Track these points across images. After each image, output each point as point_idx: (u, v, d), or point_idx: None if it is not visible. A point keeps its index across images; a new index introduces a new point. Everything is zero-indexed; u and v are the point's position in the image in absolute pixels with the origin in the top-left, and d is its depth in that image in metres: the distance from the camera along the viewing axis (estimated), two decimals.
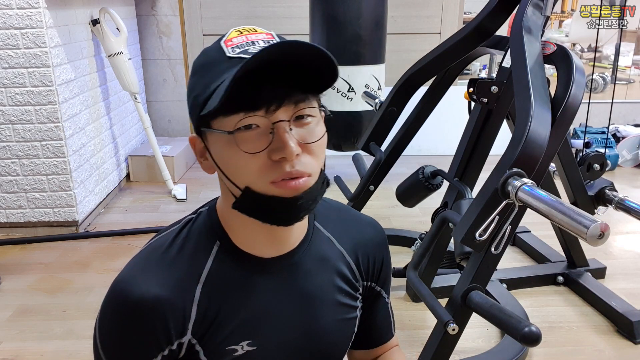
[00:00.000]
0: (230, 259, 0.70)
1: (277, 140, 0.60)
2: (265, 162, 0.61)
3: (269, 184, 0.62)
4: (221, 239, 0.70)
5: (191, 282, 0.68)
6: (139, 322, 0.65)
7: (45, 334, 1.99)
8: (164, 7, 3.95)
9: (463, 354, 1.80)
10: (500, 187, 1.22)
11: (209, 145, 0.65)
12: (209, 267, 0.69)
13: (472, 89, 1.78)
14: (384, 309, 0.88)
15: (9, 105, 2.60)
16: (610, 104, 2.68)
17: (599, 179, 2.12)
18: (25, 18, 2.48)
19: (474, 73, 4.91)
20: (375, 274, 0.83)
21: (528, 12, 1.59)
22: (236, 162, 0.62)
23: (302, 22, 3.68)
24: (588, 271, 2.32)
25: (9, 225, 2.79)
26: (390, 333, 0.90)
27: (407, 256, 2.46)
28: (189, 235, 0.71)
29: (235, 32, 0.65)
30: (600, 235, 1.04)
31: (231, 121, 0.60)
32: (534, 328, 1.14)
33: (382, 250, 0.84)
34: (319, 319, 0.75)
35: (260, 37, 0.64)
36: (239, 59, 0.61)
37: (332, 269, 0.77)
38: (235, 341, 0.69)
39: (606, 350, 1.89)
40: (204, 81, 0.63)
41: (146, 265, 0.68)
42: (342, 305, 0.78)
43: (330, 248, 0.78)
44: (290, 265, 0.73)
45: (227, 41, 0.64)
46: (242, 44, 0.63)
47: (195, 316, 0.67)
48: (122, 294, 0.66)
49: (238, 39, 0.64)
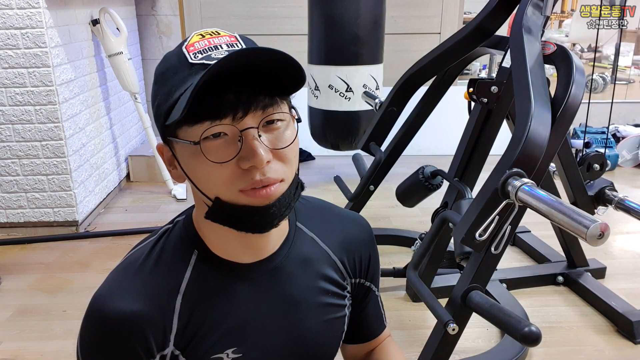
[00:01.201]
0: (209, 267, 0.69)
1: (245, 149, 0.58)
2: (233, 171, 0.59)
3: (238, 193, 0.60)
4: (198, 248, 0.69)
5: (170, 293, 0.67)
6: (118, 338, 0.64)
7: (45, 334, 1.99)
8: (164, 7, 3.95)
9: (463, 354, 1.80)
10: (500, 187, 1.22)
11: (177, 154, 0.64)
12: (187, 277, 0.68)
13: (472, 89, 1.78)
14: (375, 303, 0.88)
15: (9, 105, 2.60)
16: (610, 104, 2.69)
17: (599, 179, 2.12)
18: (25, 18, 2.48)
19: (474, 73, 4.91)
20: (364, 270, 0.82)
21: (528, 12, 1.59)
22: (204, 172, 0.60)
23: (301, 22, 3.68)
24: (588, 271, 2.32)
25: (9, 225, 2.79)
26: (383, 325, 0.90)
27: (407, 256, 2.46)
28: (165, 245, 0.69)
29: (197, 35, 0.63)
30: (600, 235, 1.04)
31: (197, 130, 0.58)
32: (533, 328, 1.14)
33: (369, 245, 0.83)
34: (305, 322, 0.74)
35: (223, 40, 0.62)
36: (201, 65, 0.59)
37: (316, 270, 0.75)
38: (219, 349, 0.68)
39: (606, 350, 1.89)
40: (165, 89, 0.61)
41: (123, 280, 0.67)
42: (329, 305, 0.77)
43: (313, 248, 0.76)
44: (272, 269, 0.72)
45: (189, 46, 0.62)
46: (204, 49, 0.61)
47: (177, 328, 0.66)
48: (99, 311, 0.65)
49: (200, 43, 0.61)
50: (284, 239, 0.73)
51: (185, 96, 0.56)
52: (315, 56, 3.20)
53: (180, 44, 0.63)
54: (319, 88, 3.23)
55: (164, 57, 0.65)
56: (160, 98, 0.62)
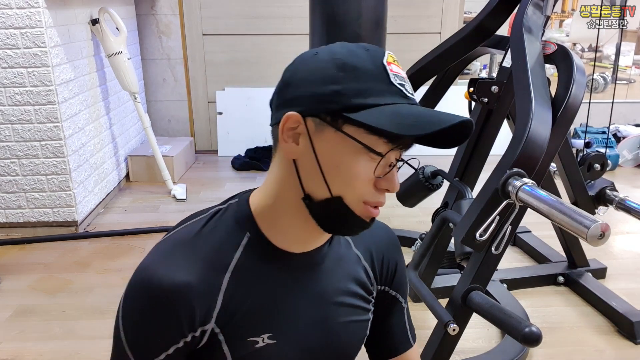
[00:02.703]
0: (259, 251, 0.71)
1: (390, 175, 0.66)
2: (370, 186, 0.66)
3: (361, 202, 0.66)
4: (251, 231, 0.71)
5: (219, 271, 0.68)
6: (164, 307, 0.65)
7: (45, 334, 1.99)
8: (164, 7, 3.95)
9: (463, 354, 1.80)
10: (501, 187, 1.22)
11: (315, 136, 0.64)
12: (237, 257, 0.69)
13: (472, 88, 1.77)
14: (400, 316, 0.88)
15: (9, 105, 2.59)
16: (611, 103, 2.68)
17: (600, 179, 2.12)
18: (24, 18, 2.48)
19: (474, 73, 4.90)
20: (389, 277, 0.84)
21: (528, 12, 1.59)
22: (352, 172, 0.64)
23: (302, 21, 3.68)
24: (588, 271, 2.32)
25: (9, 225, 2.79)
26: (408, 343, 0.88)
27: (407, 256, 2.45)
28: (217, 225, 0.71)
29: (390, 57, 0.67)
30: (600, 235, 1.03)
31: (375, 141, 0.63)
32: (534, 328, 1.14)
33: (395, 252, 0.86)
34: (334, 319, 0.76)
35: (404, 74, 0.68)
36: (398, 92, 0.64)
37: (348, 272, 0.78)
38: (257, 333, 0.70)
39: (606, 351, 1.89)
40: (359, 85, 0.63)
41: (173, 252, 0.68)
42: (356, 307, 0.79)
43: (348, 251, 0.80)
44: (313, 263, 0.74)
45: (389, 64, 0.66)
46: (399, 75, 0.66)
47: (221, 305, 0.68)
48: (148, 279, 0.66)
49: (394, 67, 0.66)
50: (328, 238, 0.77)
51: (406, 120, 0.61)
52: None
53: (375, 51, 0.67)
54: None
55: (349, 49, 0.68)
56: (347, 87, 0.63)
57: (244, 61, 4.10)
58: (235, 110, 4.14)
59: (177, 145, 3.79)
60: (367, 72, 0.64)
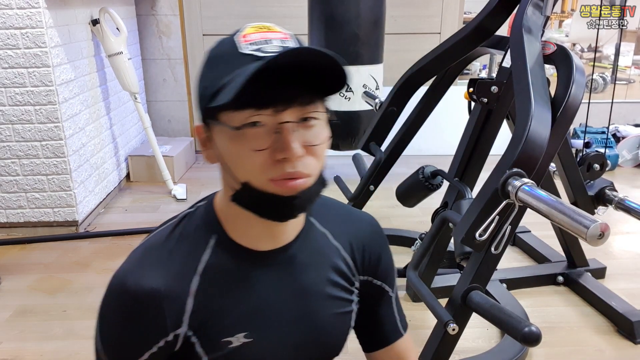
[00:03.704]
0: (227, 252, 0.71)
1: (281, 141, 0.62)
2: (267, 160, 0.62)
3: (268, 181, 0.63)
4: (218, 232, 0.72)
5: (188, 274, 0.69)
6: (135, 314, 0.67)
7: (45, 334, 1.99)
8: (164, 7, 3.95)
9: (463, 354, 1.80)
10: (501, 187, 1.22)
11: (214, 136, 0.66)
12: (205, 259, 0.70)
13: (472, 89, 1.78)
14: (387, 306, 0.87)
15: (9, 105, 2.60)
16: (610, 104, 2.68)
17: (599, 179, 2.12)
18: (25, 18, 2.48)
19: (474, 73, 4.91)
20: (372, 267, 0.83)
21: (528, 12, 1.59)
22: (239, 156, 0.63)
23: (301, 21, 3.68)
24: (588, 271, 2.32)
25: (9, 225, 2.79)
26: (398, 332, 0.88)
27: (407, 256, 2.45)
28: (185, 228, 0.72)
29: (251, 28, 0.65)
30: (600, 235, 1.04)
31: (239, 117, 0.61)
32: (534, 328, 1.14)
33: (379, 243, 0.85)
34: (315, 312, 0.76)
35: (276, 35, 0.65)
36: (251, 57, 0.62)
37: (327, 263, 0.78)
38: (231, 333, 0.70)
39: (606, 351, 1.89)
40: (214, 73, 0.64)
41: (144, 259, 0.70)
42: (338, 299, 0.79)
43: (325, 243, 0.79)
44: (286, 258, 0.74)
45: (243, 36, 0.64)
46: (257, 41, 0.63)
47: (192, 308, 0.69)
48: (119, 286, 0.68)
49: (254, 35, 0.64)
50: (299, 231, 0.76)
51: (236, 84, 0.58)
52: None
53: (234, 32, 0.66)
54: None
55: (218, 41, 0.67)
56: (207, 81, 0.65)
57: None
58: None
59: (177, 145, 3.79)
60: (222, 56, 0.64)
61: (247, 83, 0.56)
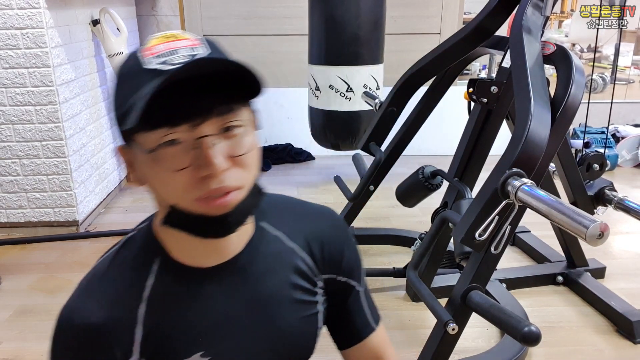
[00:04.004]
0: (172, 274, 0.68)
1: (201, 157, 0.57)
2: (190, 179, 0.58)
3: (194, 201, 0.59)
4: (160, 255, 0.69)
5: (134, 302, 0.67)
6: (84, 349, 0.66)
7: (45, 334, 1.98)
8: (164, 7, 3.95)
9: (463, 354, 1.80)
10: (500, 187, 1.22)
11: (135, 159, 0.63)
12: (150, 284, 0.67)
13: (472, 89, 1.78)
14: (356, 301, 0.83)
15: (10, 106, 2.60)
16: (610, 104, 2.69)
17: (599, 179, 2.12)
18: (25, 18, 2.48)
19: (474, 73, 4.91)
20: (335, 263, 0.79)
21: (528, 13, 1.59)
22: (161, 179, 0.60)
23: (301, 22, 3.68)
24: (588, 271, 2.32)
25: (10, 225, 2.79)
26: (370, 327, 0.84)
27: (407, 256, 2.46)
28: (127, 255, 0.70)
29: (156, 39, 0.60)
30: (599, 235, 1.04)
31: (153, 137, 0.57)
32: (533, 328, 1.15)
33: (340, 237, 0.80)
34: (278, 319, 0.73)
35: (183, 44, 0.59)
36: (154, 72, 0.57)
37: (285, 267, 0.74)
38: (185, 355, 0.68)
39: (606, 350, 1.90)
40: (122, 93, 0.60)
41: (87, 292, 0.68)
42: (301, 302, 0.75)
43: (280, 247, 0.75)
44: (237, 270, 0.71)
45: (146, 50, 0.59)
46: (162, 53, 0.58)
47: (142, 336, 0.66)
48: (66, 323, 0.67)
49: (159, 47, 0.59)
50: (249, 239, 0.72)
51: (139, 103, 0.54)
52: (316, 56, 3.20)
53: (139, 47, 0.62)
54: (320, 88, 3.23)
55: (126, 57, 0.62)
56: (117, 101, 0.60)
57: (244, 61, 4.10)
58: None
59: None
60: (127, 74, 0.60)
61: (151, 101, 0.53)
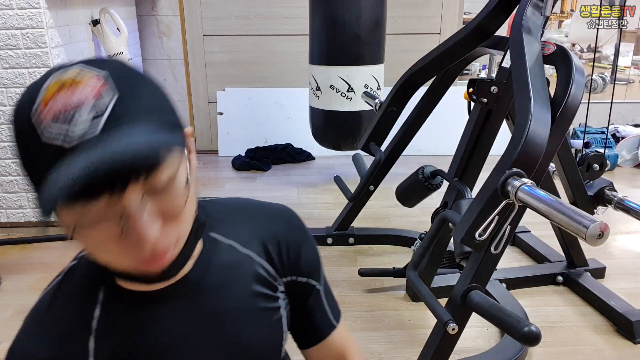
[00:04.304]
0: (120, 301, 0.65)
1: (129, 232, 0.52)
2: (120, 249, 0.54)
3: (129, 265, 0.57)
4: (106, 283, 0.65)
5: (82, 336, 0.64)
6: None
7: None
8: (164, 8, 3.95)
9: (463, 354, 1.80)
10: (500, 187, 1.22)
11: None
12: (98, 316, 0.64)
13: (471, 89, 1.78)
14: (316, 300, 0.81)
15: (10, 106, 2.60)
16: (610, 104, 2.69)
17: (599, 179, 2.12)
18: (25, 18, 2.49)
19: (474, 73, 4.91)
20: (294, 264, 0.76)
21: (528, 13, 1.59)
22: (90, 248, 0.56)
23: (302, 22, 3.69)
24: (587, 271, 2.32)
25: (10, 225, 2.80)
26: (331, 325, 0.82)
27: (407, 256, 2.46)
28: (71, 286, 0.67)
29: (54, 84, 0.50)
30: (599, 235, 1.04)
31: (72, 214, 0.51)
32: (533, 328, 1.15)
33: (297, 236, 0.76)
34: (241, 331, 0.70)
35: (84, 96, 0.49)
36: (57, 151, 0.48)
37: (242, 276, 0.71)
38: None
39: (606, 350, 1.90)
40: (20, 159, 0.52)
41: (32, 327, 0.65)
42: (263, 310, 0.72)
43: (234, 256, 0.71)
44: (191, 287, 0.67)
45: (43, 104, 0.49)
46: (60, 117, 0.48)
47: None
48: None
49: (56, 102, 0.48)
50: (199, 254, 0.69)
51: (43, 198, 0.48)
52: (317, 56, 3.20)
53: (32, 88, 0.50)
54: (320, 88, 3.23)
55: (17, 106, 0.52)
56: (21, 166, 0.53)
57: (244, 61, 4.11)
58: (236, 110, 4.15)
59: None
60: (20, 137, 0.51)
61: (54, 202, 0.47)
